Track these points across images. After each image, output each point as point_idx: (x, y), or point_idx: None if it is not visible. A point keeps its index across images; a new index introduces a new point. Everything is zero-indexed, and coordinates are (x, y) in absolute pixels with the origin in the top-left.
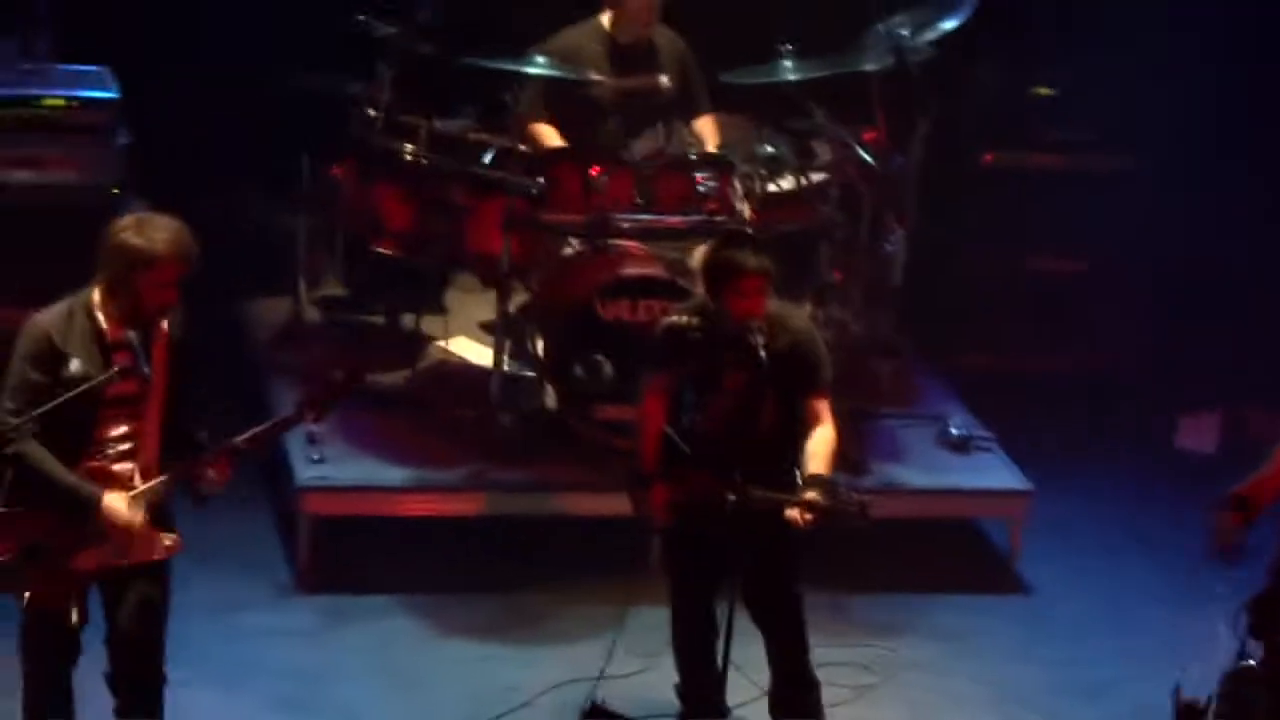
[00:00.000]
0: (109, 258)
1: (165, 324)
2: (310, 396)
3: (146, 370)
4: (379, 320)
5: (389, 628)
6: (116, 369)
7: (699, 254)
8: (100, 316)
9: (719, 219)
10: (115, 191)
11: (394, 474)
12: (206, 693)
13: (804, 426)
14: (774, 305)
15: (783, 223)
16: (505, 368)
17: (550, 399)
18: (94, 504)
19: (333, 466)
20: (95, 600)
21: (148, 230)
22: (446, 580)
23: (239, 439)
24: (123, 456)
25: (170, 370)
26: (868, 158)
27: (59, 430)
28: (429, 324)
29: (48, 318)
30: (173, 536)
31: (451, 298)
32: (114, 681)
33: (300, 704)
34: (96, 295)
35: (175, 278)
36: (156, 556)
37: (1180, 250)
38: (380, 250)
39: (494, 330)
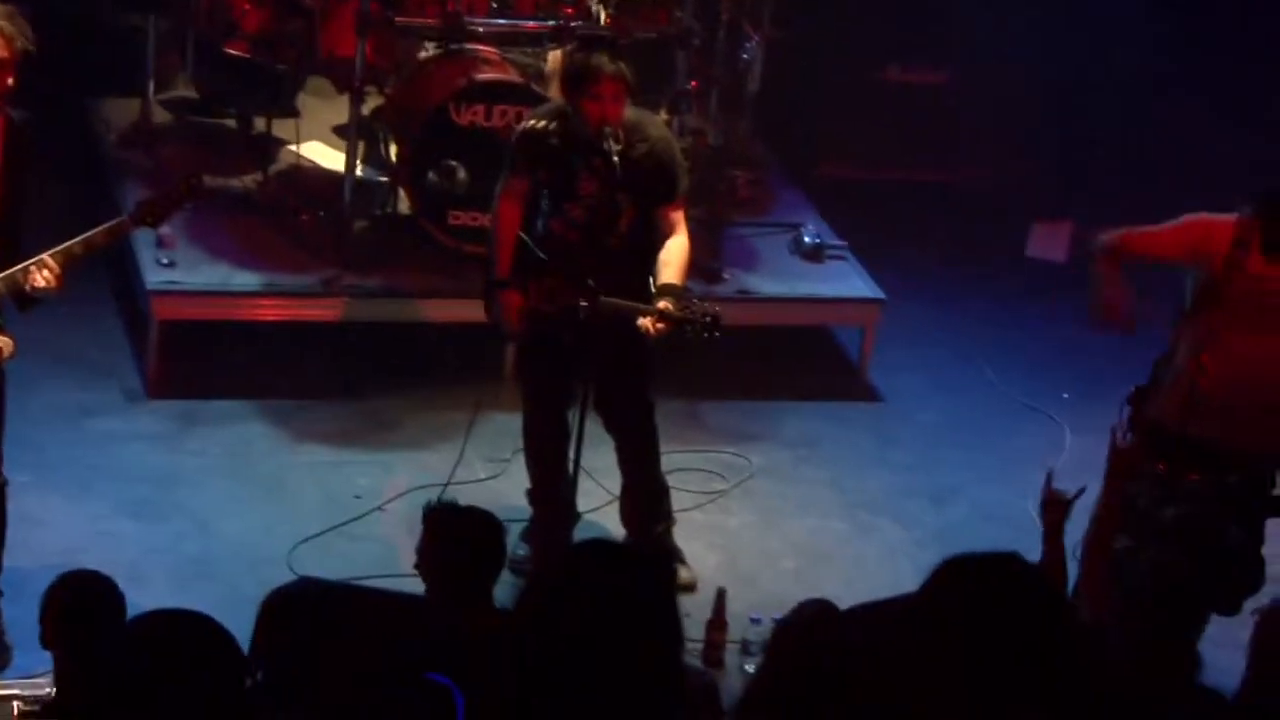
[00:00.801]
0: None
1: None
2: (146, 203)
3: None
4: (230, 123)
5: (241, 433)
6: None
7: (554, 59)
8: None
9: (575, 24)
10: None
11: (246, 279)
12: (55, 497)
13: (659, 235)
14: (632, 113)
15: (639, 29)
16: (358, 172)
17: (404, 204)
18: None
19: (183, 271)
20: None
21: None
22: (299, 386)
23: (72, 242)
24: None
25: (5, 160)
26: None
27: None
28: (281, 128)
29: None
30: (4, 339)
31: (304, 101)
32: None
33: (152, 508)
34: None
35: (6, 63)
36: None
37: (1038, 62)
38: (232, 52)
39: (347, 134)
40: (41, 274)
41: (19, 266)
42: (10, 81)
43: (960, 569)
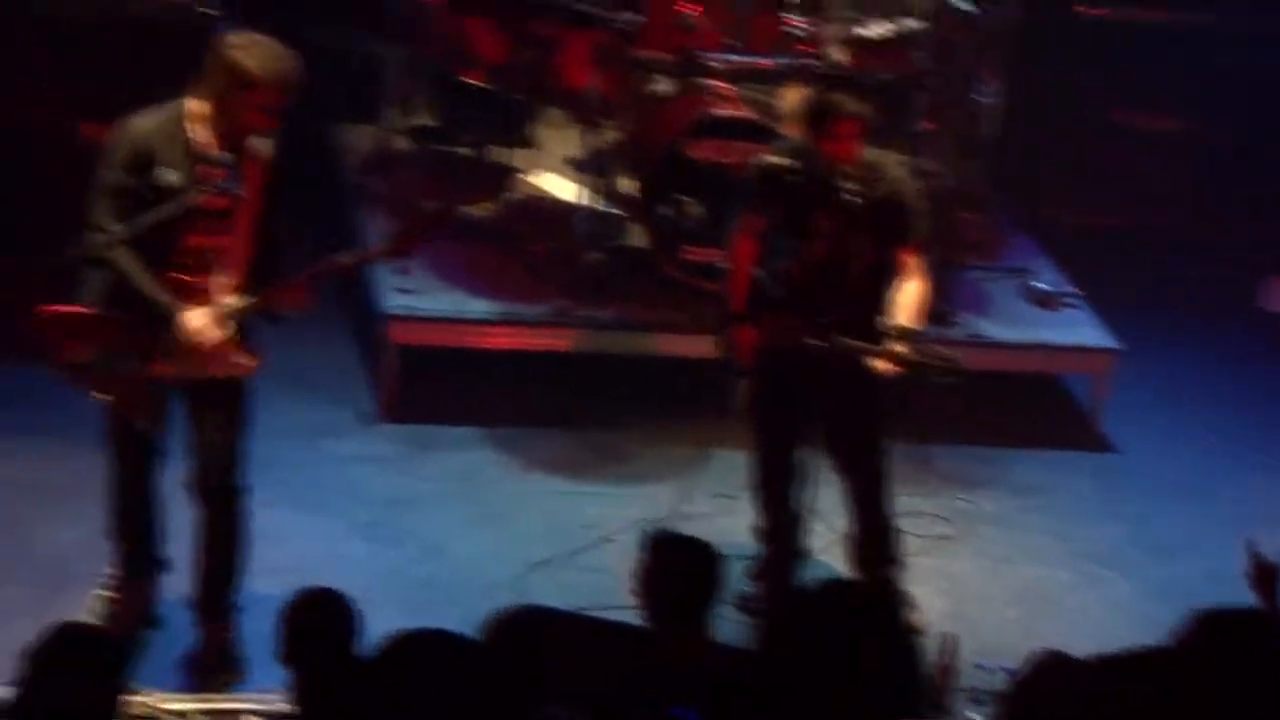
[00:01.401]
0: (213, 72)
1: (260, 144)
2: (400, 232)
3: (236, 187)
4: (467, 151)
5: (471, 459)
6: (207, 183)
7: (788, 97)
8: (194, 128)
9: (811, 62)
10: (215, 13)
11: (480, 306)
12: (289, 515)
13: (895, 277)
14: (871, 153)
15: (876, 69)
16: (592, 204)
17: (636, 238)
18: (171, 317)
19: (419, 296)
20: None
21: (256, 52)
22: (529, 414)
23: (322, 266)
24: (206, 270)
25: (262, 191)
26: (965, 6)
27: (146, 237)
28: (517, 157)
29: (140, 123)
30: (251, 356)
31: (539, 131)
32: (193, 489)
33: (383, 530)
34: (192, 106)
35: (274, 103)
36: (233, 373)
37: (1272, 110)
38: (470, 81)
39: (580, 166)
40: (291, 296)
41: (271, 285)
42: (270, 122)
43: (1213, 623)
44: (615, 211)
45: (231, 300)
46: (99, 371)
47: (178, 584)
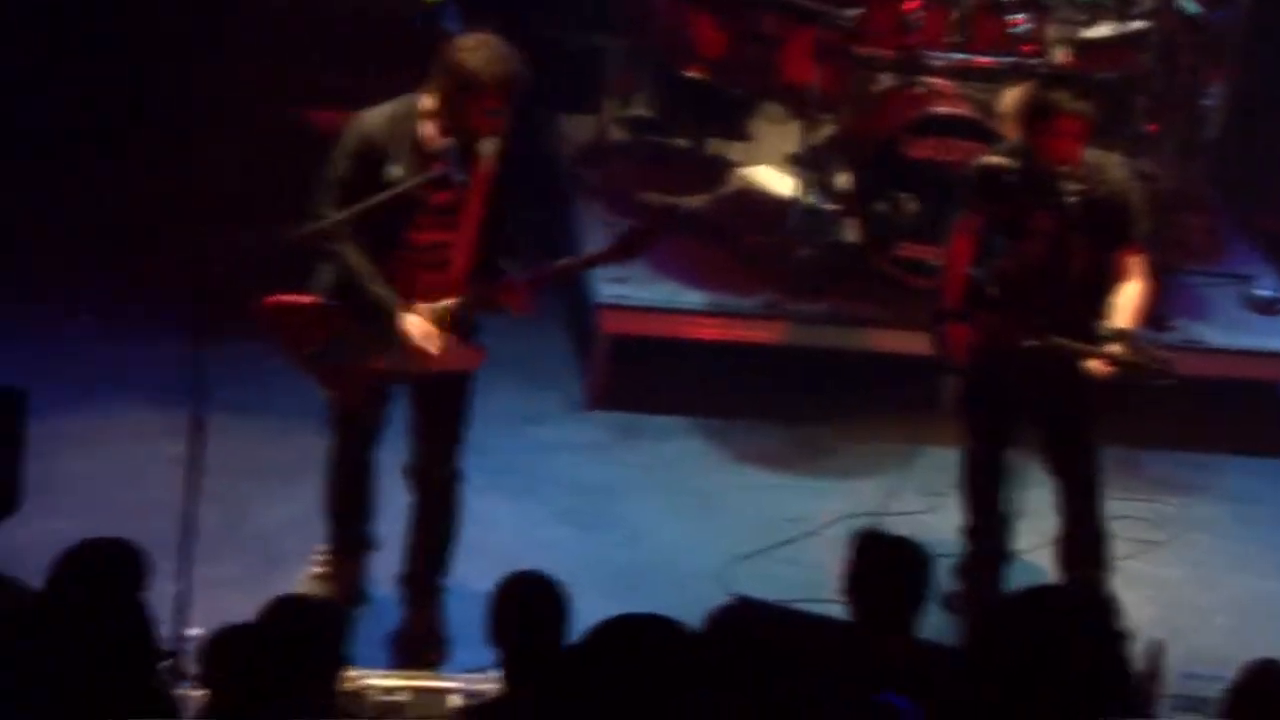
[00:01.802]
0: (441, 73)
1: (487, 143)
2: (622, 238)
3: (461, 179)
4: (683, 143)
5: (678, 448)
6: (429, 175)
7: (1009, 96)
8: (424, 125)
9: (1033, 62)
10: (438, 2)
11: (692, 297)
12: (497, 500)
13: (1113, 278)
14: (1093, 154)
15: (1099, 69)
16: (807, 199)
17: (851, 233)
18: (393, 313)
19: (632, 286)
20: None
21: (483, 55)
22: (737, 406)
23: (543, 271)
24: (432, 266)
25: (488, 189)
26: (1190, 7)
27: (373, 231)
28: (733, 150)
29: (372, 118)
30: (474, 353)
31: (756, 125)
32: (411, 476)
33: (588, 517)
34: (425, 103)
35: (500, 107)
36: (455, 368)
37: None
38: (690, 74)
39: (797, 161)
40: (511, 298)
41: (493, 285)
42: (499, 124)
43: None
44: (830, 206)
45: (454, 298)
46: (323, 361)
47: (387, 564)
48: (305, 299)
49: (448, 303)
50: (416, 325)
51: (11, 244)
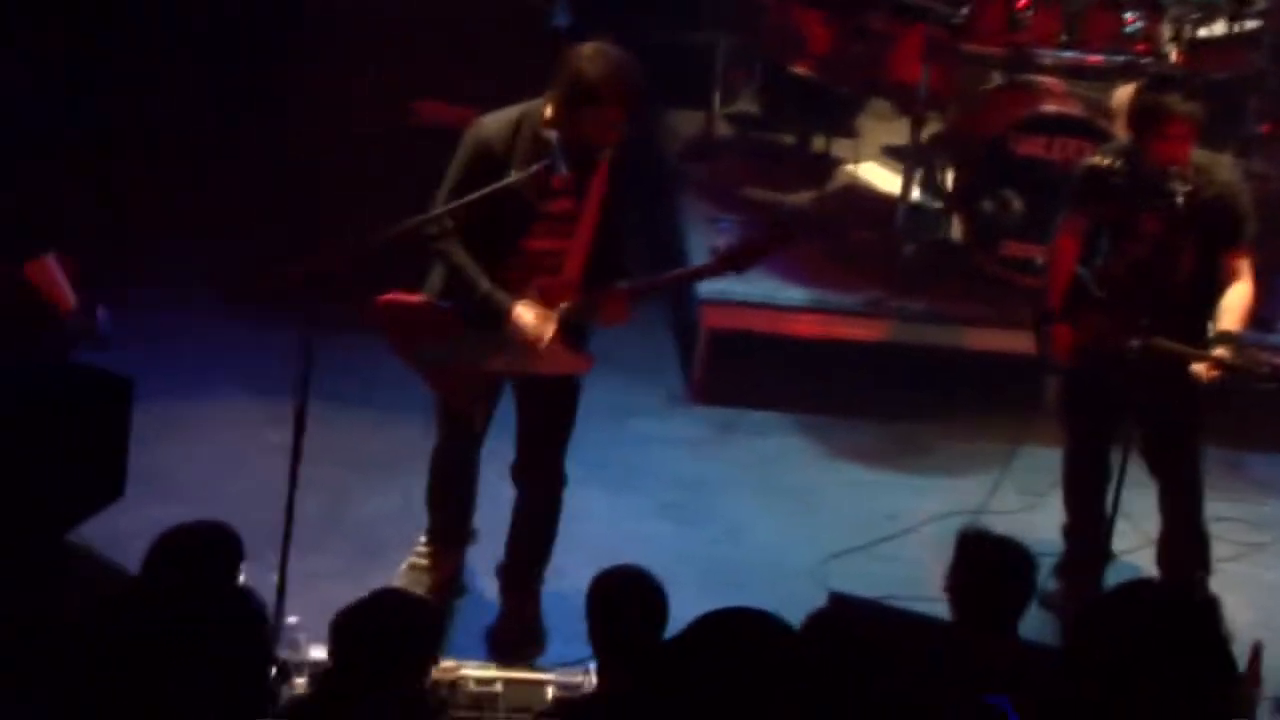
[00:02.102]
0: (561, 82)
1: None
2: (734, 249)
3: (578, 192)
4: (789, 140)
5: (777, 444)
6: (533, 169)
7: (1120, 95)
8: (543, 132)
9: (1144, 61)
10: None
11: (793, 293)
12: (596, 493)
13: (1220, 280)
14: (1202, 155)
15: (1211, 69)
16: (912, 197)
17: (956, 231)
18: (504, 314)
19: (733, 282)
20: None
21: (604, 66)
22: (836, 403)
23: (648, 281)
24: (546, 272)
25: (603, 197)
26: None
27: (490, 237)
28: (839, 147)
29: (493, 125)
30: (583, 358)
31: (863, 123)
32: (516, 474)
33: (686, 511)
34: (543, 109)
35: (617, 119)
36: (563, 371)
37: None
38: (797, 71)
39: (904, 158)
40: (616, 305)
41: (602, 291)
42: (616, 136)
43: None
44: (936, 204)
45: (564, 304)
46: (433, 362)
47: (485, 556)
48: (417, 299)
49: (560, 306)
50: (527, 315)
51: (121, 233)
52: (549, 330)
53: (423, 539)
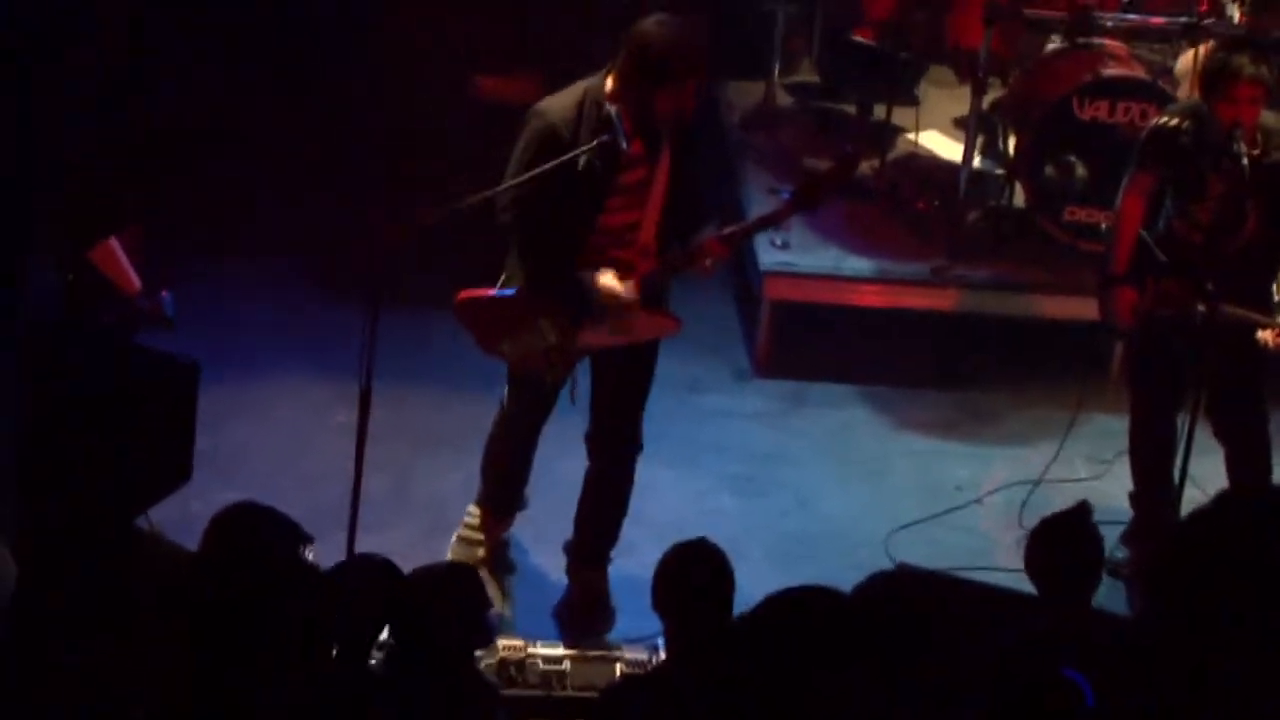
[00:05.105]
0: (626, 57)
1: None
2: (806, 186)
3: (648, 163)
4: (850, 109)
5: (844, 416)
6: (593, 144)
7: (1185, 59)
8: (608, 108)
9: (1207, 22)
10: None
11: (856, 264)
12: (663, 468)
13: None
14: (1270, 117)
15: (1276, 29)
16: (975, 163)
17: (1019, 197)
18: (587, 290)
19: (796, 253)
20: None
21: (669, 38)
22: (902, 373)
23: (744, 225)
24: (624, 244)
25: (674, 162)
26: None
27: (567, 217)
28: (900, 115)
29: (556, 108)
30: (670, 319)
31: (924, 90)
32: (592, 443)
33: (754, 484)
34: (609, 84)
35: (692, 90)
36: (655, 335)
37: None
38: (858, 39)
39: (965, 125)
40: (705, 259)
41: (683, 251)
42: (687, 108)
43: None
44: (999, 170)
45: (648, 268)
46: (522, 350)
47: (544, 538)
48: (488, 294)
49: (643, 272)
50: (613, 286)
51: (186, 215)
52: (632, 299)
53: (472, 508)
